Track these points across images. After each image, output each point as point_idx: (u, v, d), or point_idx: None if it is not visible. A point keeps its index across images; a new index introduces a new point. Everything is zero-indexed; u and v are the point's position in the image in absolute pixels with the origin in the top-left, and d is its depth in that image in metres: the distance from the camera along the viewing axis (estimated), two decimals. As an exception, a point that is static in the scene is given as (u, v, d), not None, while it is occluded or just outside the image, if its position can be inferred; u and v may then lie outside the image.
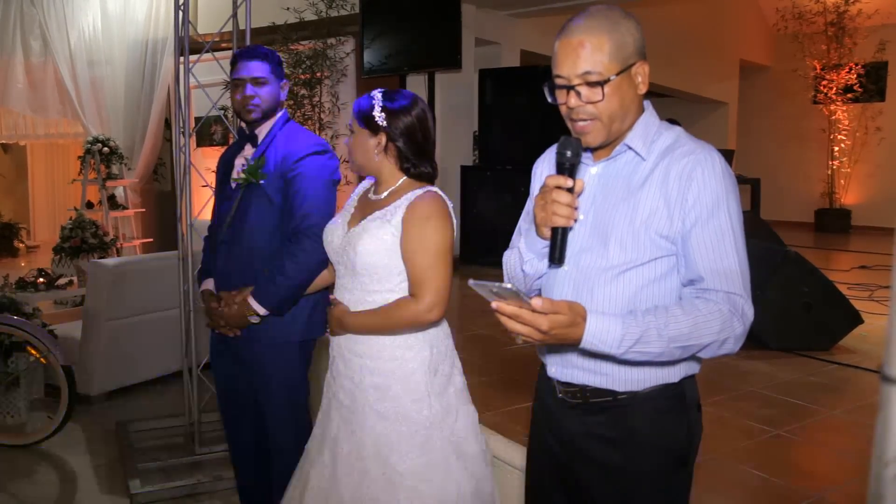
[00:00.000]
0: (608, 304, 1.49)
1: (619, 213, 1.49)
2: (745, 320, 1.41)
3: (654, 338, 1.35)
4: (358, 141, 2.11)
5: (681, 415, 1.55)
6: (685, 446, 1.56)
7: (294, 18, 6.73)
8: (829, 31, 10.64)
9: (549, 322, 1.28)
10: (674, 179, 1.45)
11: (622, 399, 1.53)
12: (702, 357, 1.48)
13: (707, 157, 1.45)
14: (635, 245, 1.47)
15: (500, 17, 7.45)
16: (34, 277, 5.65)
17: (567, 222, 1.43)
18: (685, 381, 1.55)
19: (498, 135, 6.74)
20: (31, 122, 8.82)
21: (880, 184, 10.74)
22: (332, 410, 2.17)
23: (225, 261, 2.64)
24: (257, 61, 2.60)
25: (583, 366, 1.55)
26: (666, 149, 1.49)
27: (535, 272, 1.59)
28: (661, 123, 1.55)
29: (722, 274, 1.42)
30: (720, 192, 1.43)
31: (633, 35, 1.47)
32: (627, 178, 1.51)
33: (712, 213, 1.43)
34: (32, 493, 3.50)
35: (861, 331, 4.11)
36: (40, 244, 10.74)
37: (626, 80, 1.46)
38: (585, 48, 1.43)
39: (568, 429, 1.61)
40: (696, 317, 1.37)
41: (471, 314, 4.64)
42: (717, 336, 1.38)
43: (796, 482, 2.47)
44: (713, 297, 1.41)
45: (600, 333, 1.33)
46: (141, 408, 4.53)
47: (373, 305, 2.05)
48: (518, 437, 2.65)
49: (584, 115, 1.47)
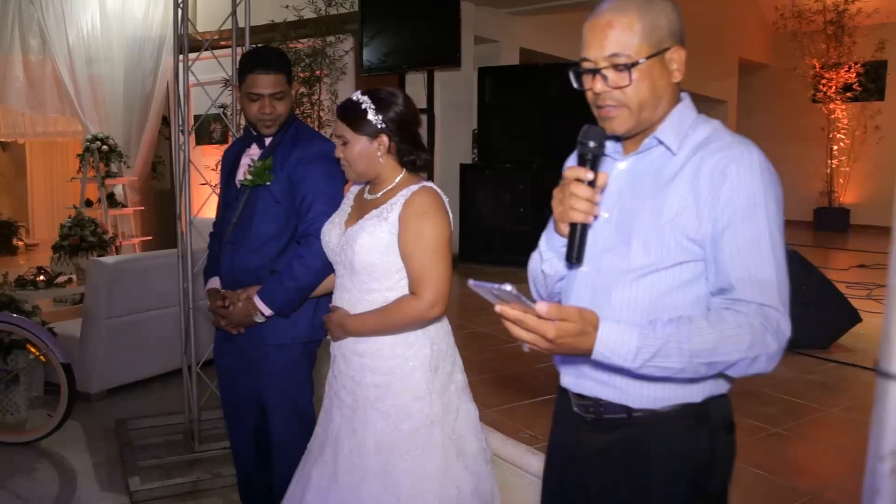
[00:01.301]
0: (626, 309, 1.37)
1: (644, 212, 1.36)
2: (780, 337, 1.26)
3: (675, 351, 1.22)
4: (357, 149, 2.05)
5: (702, 437, 1.40)
6: (706, 472, 1.41)
7: (293, 16, 6.73)
8: (828, 29, 10.64)
9: (555, 330, 1.18)
10: (706, 176, 1.31)
11: (637, 417, 1.41)
12: (731, 375, 1.33)
13: (744, 152, 1.32)
14: (659, 246, 1.34)
15: (499, 15, 7.45)
16: (33, 275, 5.65)
17: (585, 218, 1.33)
18: (710, 401, 1.40)
19: (497, 133, 6.74)
20: (29, 120, 8.81)
21: (879, 183, 10.74)
22: (333, 409, 2.17)
23: (230, 261, 2.62)
24: (274, 74, 2.50)
25: (595, 377, 1.43)
26: (700, 143, 1.37)
27: (555, 273, 1.50)
28: (698, 116, 1.42)
29: (756, 283, 1.28)
30: (757, 191, 1.29)
31: (669, 17, 1.36)
32: (656, 175, 1.39)
33: (747, 214, 1.29)
34: (32, 490, 3.51)
35: (859, 329, 4.11)
36: (39, 242, 10.74)
37: (657, 64, 1.35)
38: (614, 28, 1.33)
39: (583, 446, 1.50)
40: (724, 330, 1.23)
41: (469, 311, 4.65)
42: (746, 353, 1.24)
43: (794, 480, 2.47)
44: (744, 308, 1.26)
45: (613, 344, 1.21)
46: (140, 405, 4.54)
47: (372, 304, 2.05)
48: (516, 435, 2.66)
49: (611, 101, 1.36)
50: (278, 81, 2.51)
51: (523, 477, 2.44)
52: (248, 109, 2.55)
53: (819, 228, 10.77)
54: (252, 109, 2.53)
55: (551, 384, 1.61)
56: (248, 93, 2.52)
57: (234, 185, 2.67)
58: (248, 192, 2.59)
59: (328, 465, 2.13)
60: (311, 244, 2.42)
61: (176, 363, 4.30)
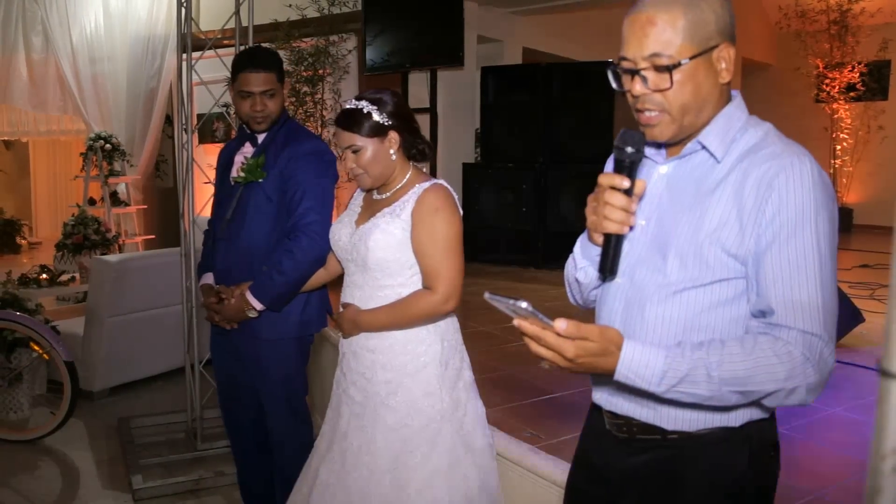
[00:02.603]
0: (660, 326, 1.29)
1: (683, 222, 1.27)
2: (822, 368, 1.17)
3: (703, 378, 1.14)
4: (370, 152, 2.04)
5: (741, 460, 1.31)
6: (742, 493, 1.32)
7: (296, 15, 6.73)
8: (831, 29, 10.63)
9: (575, 349, 1.11)
10: (751, 186, 1.21)
11: (672, 440, 1.32)
12: (766, 405, 1.25)
13: (795, 162, 1.20)
14: (697, 261, 1.25)
15: (502, 14, 7.45)
16: (37, 274, 5.67)
17: (620, 229, 1.25)
18: (751, 424, 1.31)
19: (500, 132, 6.74)
20: (33, 119, 8.83)
21: (882, 183, 10.73)
22: (341, 406, 2.18)
23: (224, 257, 2.67)
24: (265, 72, 2.57)
25: (629, 395, 1.34)
26: (748, 150, 1.26)
27: (590, 282, 1.43)
28: (749, 119, 1.32)
29: (798, 307, 1.17)
30: (807, 206, 1.18)
31: (716, 12, 1.24)
32: (698, 182, 1.28)
33: (794, 231, 1.18)
34: (35, 488, 3.51)
35: (862, 329, 4.10)
36: (42, 241, 10.75)
37: (703, 65, 1.24)
38: (655, 26, 1.22)
39: (613, 466, 1.42)
40: (758, 358, 1.14)
41: (472, 311, 4.65)
42: (783, 384, 1.15)
43: (796, 479, 2.47)
44: (784, 335, 1.17)
45: (637, 367, 1.14)
46: (143, 404, 4.55)
47: (384, 301, 2.06)
48: (518, 434, 2.66)
49: (651, 105, 1.26)
50: (268, 80, 2.59)
51: (525, 476, 2.44)
52: (240, 107, 2.63)
53: (822, 228, 10.74)
54: (244, 107, 2.61)
55: (553, 384, 1.61)
56: (239, 91, 2.60)
57: (227, 183, 2.73)
58: (241, 190, 2.64)
59: (336, 463, 2.14)
60: (299, 239, 2.45)
61: (178, 361, 4.32)
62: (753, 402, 1.22)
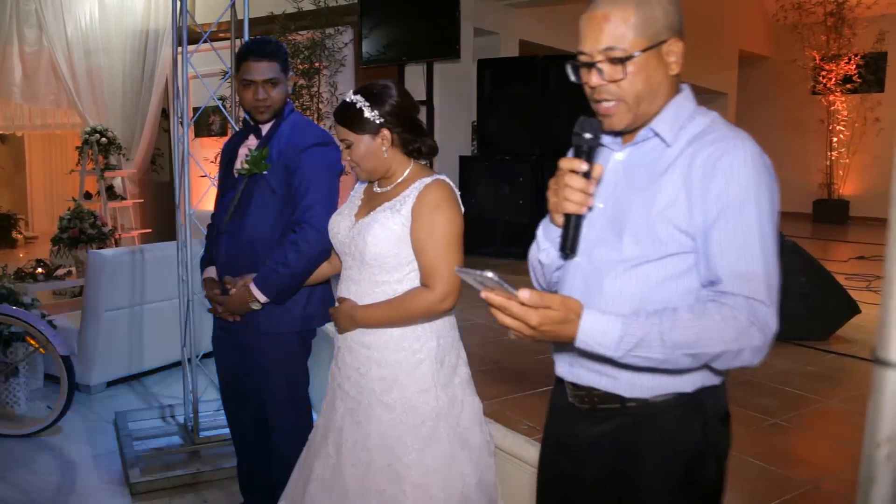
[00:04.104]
0: (617, 299, 1.38)
1: (637, 203, 1.37)
2: (766, 331, 1.26)
3: (657, 342, 1.23)
4: (361, 148, 2.05)
5: (695, 428, 1.41)
6: (699, 463, 1.42)
7: (292, 8, 6.71)
8: (828, 21, 10.63)
9: (538, 317, 1.19)
10: (698, 167, 1.31)
11: (631, 407, 1.42)
12: (716, 367, 1.35)
13: (738, 144, 1.31)
14: (650, 238, 1.35)
15: (498, 6, 7.43)
16: (33, 268, 5.65)
17: (579, 209, 1.35)
18: (703, 391, 1.41)
19: (497, 125, 6.73)
20: (28, 113, 8.80)
21: (878, 174, 10.74)
22: (336, 401, 2.17)
23: (227, 250, 2.65)
24: (268, 61, 2.57)
25: (589, 366, 1.43)
26: (695, 135, 1.37)
27: (552, 262, 1.52)
28: (697, 108, 1.42)
29: (743, 277, 1.27)
30: (750, 184, 1.29)
31: (665, 9, 1.36)
32: (651, 166, 1.39)
33: (738, 207, 1.28)
34: (32, 482, 3.51)
35: (858, 321, 4.12)
36: (38, 235, 10.75)
37: (654, 57, 1.35)
38: (609, 21, 1.33)
39: (577, 436, 1.51)
40: (707, 322, 1.24)
41: (467, 303, 4.65)
42: (730, 346, 1.24)
43: (793, 470, 2.48)
44: (730, 301, 1.26)
45: (596, 333, 1.23)
46: (140, 398, 4.54)
47: (381, 296, 2.05)
48: (515, 426, 2.66)
49: (608, 95, 1.37)
50: (271, 68, 2.57)
51: (523, 468, 2.44)
52: (244, 97, 2.61)
53: (818, 220, 10.77)
54: (247, 96, 2.59)
55: (550, 376, 1.61)
56: (242, 79, 2.59)
57: (231, 175, 2.71)
58: (245, 182, 2.62)
59: (331, 458, 2.13)
60: (305, 231, 2.44)
61: (175, 355, 4.31)
62: (704, 365, 1.31)
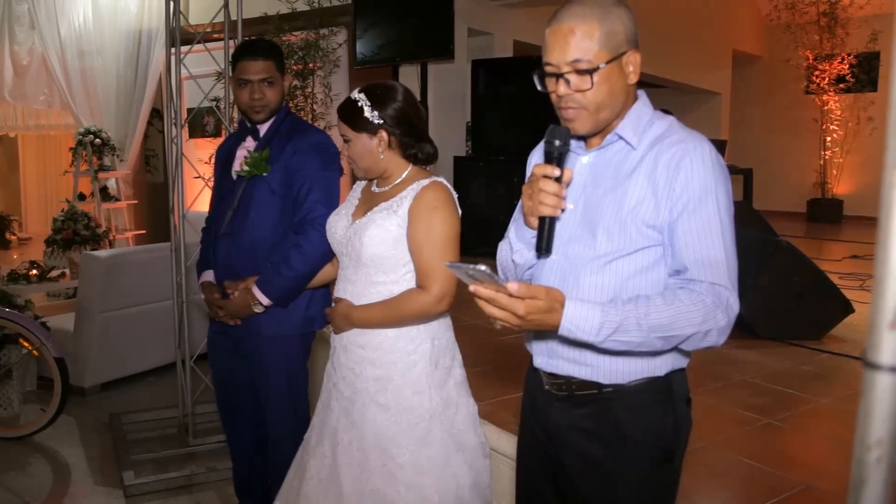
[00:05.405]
0: (594, 293, 1.48)
1: (607, 202, 1.48)
2: (729, 312, 1.39)
3: (634, 327, 1.33)
4: (359, 146, 2.07)
5: (667, 409, 1.53)
6: (671, 441, 1.54)
7: (286, 9, 6.70)
8: (821, 21, 10.66)
9: (525, 307, 1.27)
10: (662, 168, 1.43)
11: (607, 392, 1.52)
12: (685, 349, 1.47)
13: (697, 147, 1.43)
14: (622, 234, 1.46)
15: (492, 7, 7.43)
16: (26, 269, 5.64)
17: (554, 212, 1.43)
18: (672, 374, 1.53)
19: (491, 125, 6.73)
20: (21, 114, 8.77)
21: (872, 174, 10.76)
22: (332, 401, 2.17)
23: (227, 253, 2.63)
24: (263, 61, 2.56)
25: (568, 356, 1.54)
26: (657, 138, 1.48)
27: (525, 262, 1.59)
28: (654, 113, 1.53)
29: (707, 265, 1.40)
30: (709, 182, 1.42)
31: (625, 23, 1.45)
32: (617, 168, 1.50)
33: (700, 202, 1.41)
34: (26, 485, 3.50)
35: (852, 320, 4.13)
36: (32, 236, 10.70)
37: (616, 69, 1.45)
38: (575, 35, 1.42)
39: (555, 421, 1.60)
40: (678, 307, 1.35)
41: (462, 304, 4.65)
42: (699, 327, 1.36)
43: (786, 470, 2.48)
44: (697, 287, 1.39)
45: (578, 321, 1.32)
46: (134, 399, 4.53)
47: (377, 297, 2.05)
48: (509, 427, 2.66)
49: (573, 104, 1.46)
50: (267, 68, 2.57)
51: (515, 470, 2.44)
52: (239, 97, 2.60)
53: (812, 219, 10.79)
54: (243, 96, 2.59)
55: (544, 377, 1.62)
56: (238, 79, 2.58)
57: (229, 177, 2.69)
58: (244, 184, 2.60)
59: (327, 458, 2.13)
60: (308, 233, 2.43)
61: (170, 357, 4.30)
62: (674, 347, 1.43)
